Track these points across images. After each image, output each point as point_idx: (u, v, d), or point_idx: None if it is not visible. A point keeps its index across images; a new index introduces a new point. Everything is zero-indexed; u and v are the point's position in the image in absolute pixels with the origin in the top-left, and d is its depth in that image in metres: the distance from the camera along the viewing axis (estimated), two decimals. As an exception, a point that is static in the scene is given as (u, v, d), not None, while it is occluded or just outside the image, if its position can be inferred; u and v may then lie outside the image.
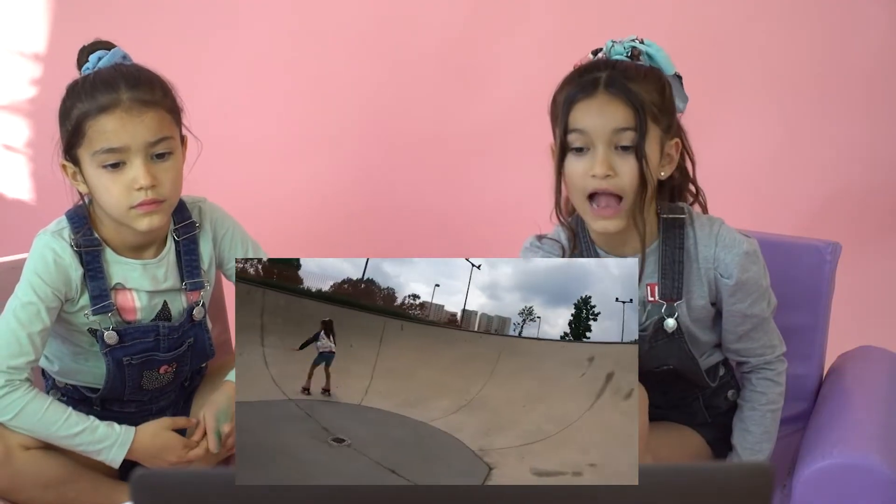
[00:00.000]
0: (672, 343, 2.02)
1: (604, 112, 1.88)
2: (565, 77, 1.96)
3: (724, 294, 2.00)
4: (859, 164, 3.27)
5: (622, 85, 1.88)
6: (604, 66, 1.92)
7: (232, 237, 2.18)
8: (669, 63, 1.95)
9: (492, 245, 3.19)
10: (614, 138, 1.89)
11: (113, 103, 1.95)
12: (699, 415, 2.14)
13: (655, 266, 1.99)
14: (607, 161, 1.88)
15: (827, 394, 2.25)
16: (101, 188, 1.99)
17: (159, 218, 2.01)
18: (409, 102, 3.29)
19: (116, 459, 2.04)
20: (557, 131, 1.93)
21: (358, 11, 3.27)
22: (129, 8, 3.21)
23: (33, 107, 3.20)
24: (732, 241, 1.98)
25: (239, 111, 3.27)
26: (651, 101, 1.89)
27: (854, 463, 1.89)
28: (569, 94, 1.91)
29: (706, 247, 1.98)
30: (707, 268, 1.99)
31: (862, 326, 2.77)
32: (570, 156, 1.92)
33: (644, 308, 2.01)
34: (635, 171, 1.89)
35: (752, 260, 1.99)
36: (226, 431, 2.10)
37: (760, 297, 2.02)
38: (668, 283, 1.99)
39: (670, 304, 1.99)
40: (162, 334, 2.09)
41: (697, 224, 2.00)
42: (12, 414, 2.00)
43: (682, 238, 1.99)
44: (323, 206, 3.31)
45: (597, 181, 1.89)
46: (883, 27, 3.20)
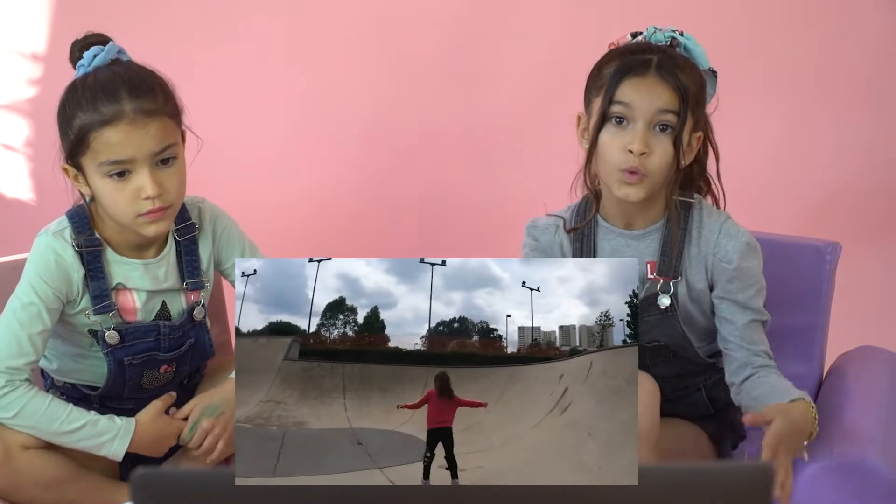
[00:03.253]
0: (664, 320, 2.03)
1: (652, 92, 1.94)
2: (611, 52, 2.02)
3: (722, 280, 2.01)
4: (859, 164, 3.27)
5: (672, 70, 1.95)
6: (656, 50, 1.98)
7: (229, 237, 2.18)
8: (705, 58, 2.02)
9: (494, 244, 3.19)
10: (656, 118, 1.95)
11: (116, 115, 1.94)
12: (701, 406, 2.14)
13: (657, 244, 2.03)
14: (646, 139, 1.94)
15: (827, 394, 2.25)
16: (107, 197, 1.99)
17: (166, 224, 2.02)
18: (409, 102, 3.29)
19: (119, 452, 2.03)
20: (598, 102, 1.98)
21: (359, 11, 3.27)
22: (130, 7, 3.21)
23: (33, 107, 3.20)
24: (736, 231, 2.02)
25: (239, 111, 3.27)
26: (693, 93, 1.96)
27: (854, 463, 1.89)
28: (619, 67, 1.96)
29: (710, 232, 2.02)
30: (707, 252, 2.02)
31: (862, 326, 2.77)
32: (608, 125, 1.97)
33: (643, 284, 2.04)
34: (668, 153, 1.95)
35: (753, 253, 2.02)
36: (204, 427, 2.09)
37: (758, 294, 2.02)
38: (667, 260, 2.02)
39: (666, 281, 2.02)
40: (163, 334, 2.09)
41: (705, 212, 2.05)
42: (14, 412, 1.99)
43: (688, 220, 2.03)
44: (323, 207, 3.31)
45: (631, 157, 1.94)
46: (882, 27, 3.20)
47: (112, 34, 2.06)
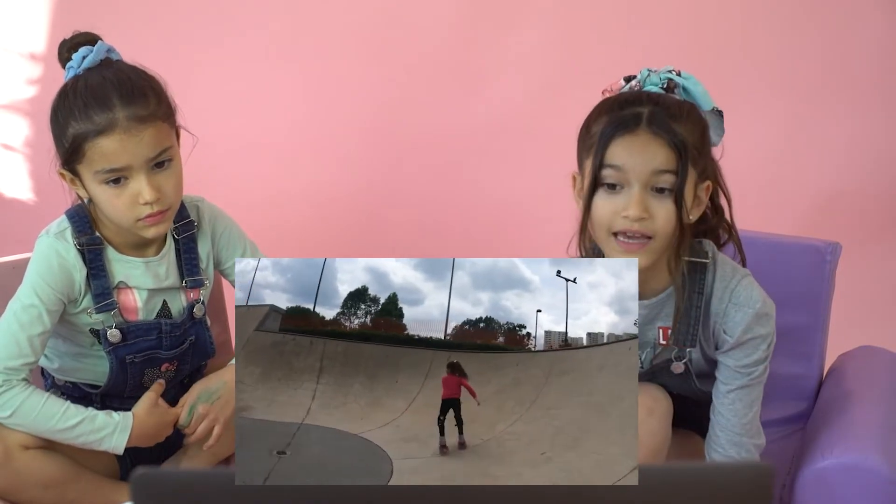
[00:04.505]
0: (679, 379, 1.99)
1: (645, 151, 1.78)
2: (600, 106, 1.86)
3: (723, 348, 1.93)
4: (859, 164, 3.27)
5: (665, 124, 1.78)
6: (647, 101, 1.81)
7: (229, 237, 2.18)
8: (707, 98, 1.87)
9: (494, 244, 3.19)
10: (652, 179, 1.79)
11: (110, 124, 1.93)
12: (706, 422, 2.12)
13: (670, 309, 1.92)
14: (643, 203, 1.79)
15: (827, 394, 2.25)
16: (105, 203, 1.99)
17: (165, 226, 2.03)
18: (410, 102, 3.29)
19: (119, 446, 2.04)
20: (589, 164, 1.83)
21: (359, 10, 3.27)
22: (130, 6, 3.21)
23: (32, 107, 3.20)
24: (747, 299, 1.90)
25: (238, 110, 3.27)
26: (692, 144, 1.80)
27: (854, 463, 1.89)
28: (607, 127, 1.80)
29: (719, 300, 1.90)
30: (715, 321, 1.91)
31: (862, 326, 2.77)
32: (600, 191, 1.82)
33: (654, 350, 1.96)
34: (671, 214, 1.80)
35: (762, 322, 1.90)
36: (199, 412, 2.10)
37: (757, 363, 1.92)
38: (683, 328, 1.90)
39: (682, 349, 1.93)
40: (164, 332, 2.09)
41: (718, 273, 1.91)
42: (10, 410, 1.99)
43: (702, 284, 1.90)
44: (323, 206, 3.31)
45: (628, 222, 1.80)
46: (883, 27, 3.20)
47: (112, 33, 2.06)
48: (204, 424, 2.10)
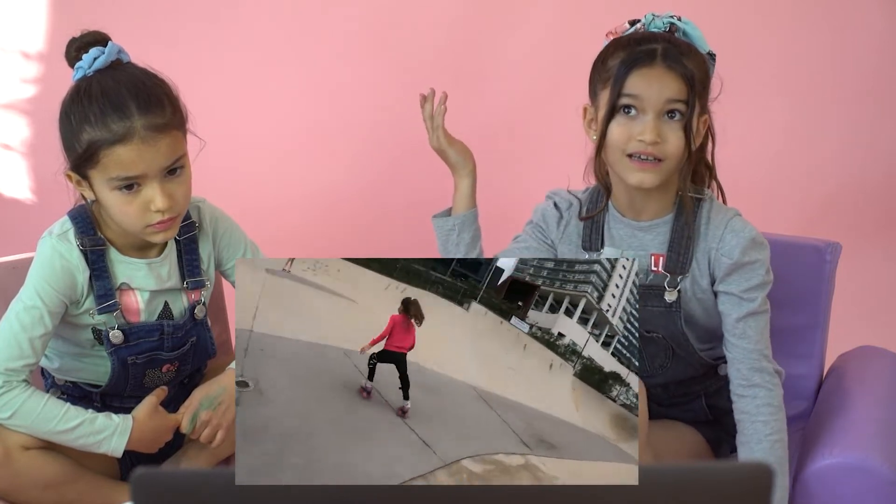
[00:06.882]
0: (666, 314, 2.04)
1: (661, 82, 1.95)
2: (615, 42, 2.01)
3: (722, 273, 2.01)
4: (859, 163, 3.27)
5: (678, 59, 1.96)
6: (660, 39, 1.99)
7: (231, 238, 2.18)
8: (704, 42, 2.03)
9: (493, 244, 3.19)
10: (665, 107, 1.96)
11: (128, 133, 1.92)
12: (700, 413, 2.14)
13: (665, 237, 2.04)
14: (657, 129, 1.96)
15: (827, 394, 2.25)
16: (115, 208, 1.98)
17: (173, 231, 2.03)
18: (412, 103, 3.28)
19: (118, 449, 2.03)
20: (606, 94, 1.99)
21: (361, 12, 3.27)
22: (131, 6, 3.21)
23: (33, 106, 3.20)
24: (742, 227, 2.02)
25: (242, 112, 3.27)
26: (699, 78, 1.97)
27: (854, 463, 1.89)
28: (626, 59, 1.97)
29: (716, 227, 2.03)
30: (712, 247, 2.02)
31: (862, 326, 2.77)
32: (617, 117, 1.98)
33: (646, 276, 2.04)
34: (681, 140, 1.96)
35: (757, 248, 2.02)
36: (202, 419, 2.10)
37: (759, 288, 2.01)
38: (675, 256, 2.03)
39: (674, 277, 2.03)
40: (166, 333, 2.09)
41: (714, 207, 2.05)
42: (10, 412, 1.99)
43: (697, 216, 2.04)
44: (325, 207, 3.31)
45: (643, 145, 1.96)
46: (883, 27, 3.20)
47: (114, 33, 2.03)
48: (207, 431, 2.10)
